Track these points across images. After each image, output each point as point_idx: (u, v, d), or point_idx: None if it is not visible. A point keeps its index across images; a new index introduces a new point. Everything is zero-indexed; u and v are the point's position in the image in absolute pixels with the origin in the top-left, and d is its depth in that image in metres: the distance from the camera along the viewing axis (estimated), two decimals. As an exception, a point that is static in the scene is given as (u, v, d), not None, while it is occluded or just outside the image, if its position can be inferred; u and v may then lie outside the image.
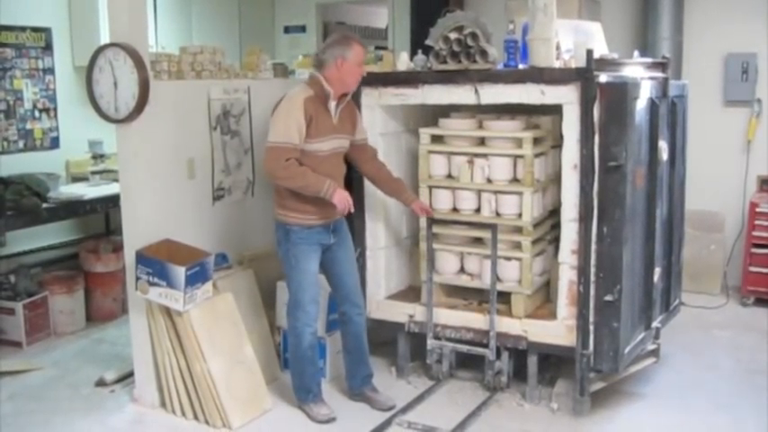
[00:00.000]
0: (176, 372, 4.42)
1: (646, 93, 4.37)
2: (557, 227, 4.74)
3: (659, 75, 4.75)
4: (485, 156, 4.64)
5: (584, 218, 4.21)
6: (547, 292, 4.85)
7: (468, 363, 4.86)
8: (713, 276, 6.60)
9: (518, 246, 4.60)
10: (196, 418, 4.41)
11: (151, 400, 4.58)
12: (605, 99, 4.11)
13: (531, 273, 4.60)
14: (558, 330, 4.41)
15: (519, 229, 4.60)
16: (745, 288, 6.33)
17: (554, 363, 4.72)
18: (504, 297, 4.64)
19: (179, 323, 4.34)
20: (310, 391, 4.45)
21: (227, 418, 4.31)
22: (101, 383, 4.92)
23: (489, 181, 4.64)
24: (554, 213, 4.79)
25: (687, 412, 4.47)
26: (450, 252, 4.84)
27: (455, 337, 4.69)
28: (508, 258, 4.63)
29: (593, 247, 4.22)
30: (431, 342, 4.73)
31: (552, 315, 4.50)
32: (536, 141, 4.56)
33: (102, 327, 6.03)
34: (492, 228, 4.54)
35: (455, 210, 4.75)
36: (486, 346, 4.57)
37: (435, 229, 4.73)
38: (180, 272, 4.19)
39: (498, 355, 4.58)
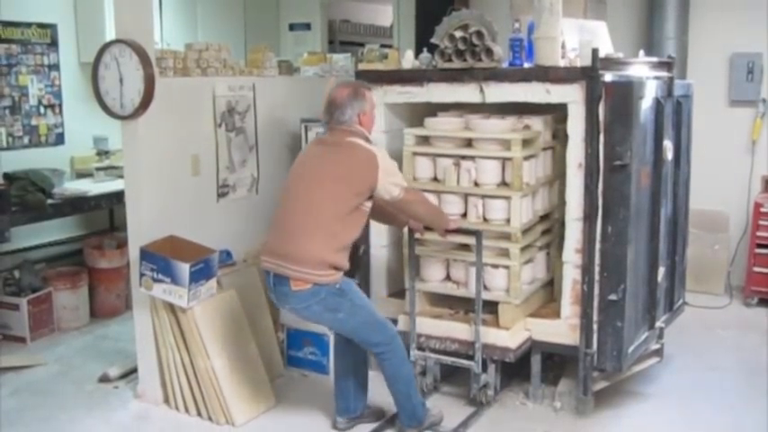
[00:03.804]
0: (180, 368, 4.43)
1: (651, 92, 4.37)
2: (548, 233, 4.69)
3: (664, 74, 4.75)
4: (471, 158, 4.45)
5: (589, 217, 4.20)
6: (550, 291, 4.84)
7: (456, 375, 4.70)
8: (717, 276, 6.59)
9: (506, 253, 4.40)
10: (199, 414, 4.42)
11: (155, 397, 4.59)
12: (610, 98, 4.11)
13: (519, 281, 4.39)
14: (561, 329, 4.40)
15: (507, 236, 4.38)
16: (749, 288, 6.32)
17: (557, 362, 4.72)
18: (492, 306, 4.45)
19: (183, 320, 4.35)
20: (424, 403, 4.26)
21: (230, 415, 4.32)
22: (104, 379, 4.94)
23: (476, 184, 4.44)
24: (545, 218, 4.68)
25: (690, 412, 4.47)
26: (436, 259, 4.65)
27: (440, 348, 4.48)
28: (495, 266, 4.43)
29: (598, 246, 4.21)
30: (414, 353, 4.49)
31: (556, 314, 4.49)
32: (526, 143, 4.35)
33: (106, 323, 6.04)
34: (476, 234, 4.28)
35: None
36: (472, 358, 4.38)
37: (419, 235, 4.46)
38: (184, 268, 4.20)
39: (485, 368, 4.39)
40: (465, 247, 4.48)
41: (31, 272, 5.87)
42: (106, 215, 6.66)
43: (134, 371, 4.82)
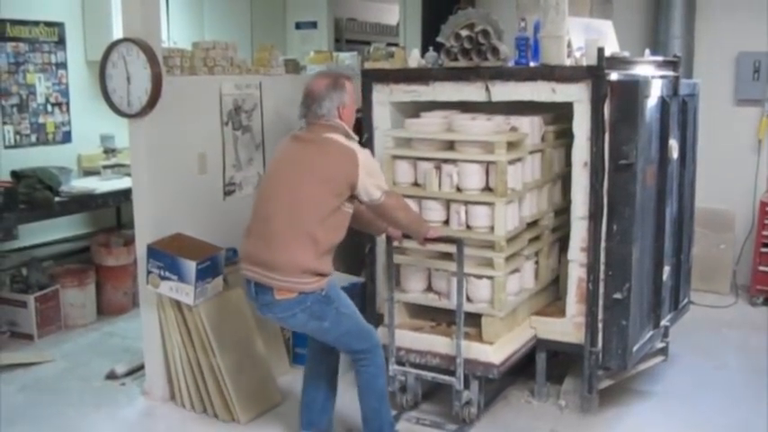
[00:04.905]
0: (186, 365, 4.45)
1: (657, 91, 4.37)
2: (537, 240, 4.53)
3: (670, 73, 4.75)
4: (453, 161, 4.20)
5: (594, 216, 4.21)
6: (556, 289, 4.84)
7: (439, 390, 4.52)
8: (722, 275, 6.58)
9: (490, 263, 4.15)
10: (205, 411, 4.44)
11: (161, 394, 4.61)
12: (616, 97, 4.11)
13: (504, 293, 4.17)
14: (566, 327, 4.41)
15: (491, 244, 4.14)
16: (755, 287, 6.32)
17: (563, 360, 4.72)
18: (476, 319, 4.22)
19: (189, 317, 4.37)
20: (393, 424, 4.06)
21: (236, 412, 4.34)
22: (111, 376, 4.96)
23: (459, 190, 4.19)
24: (534, 225, 4.51)
25: (695, 411, 4.47)
26: (416, 268, 4.43)
27: (420, 362, 4.28)
28: (479, 276, 4.19)
29: (603, 244, 4.22)
30: (393, 368, 4.29)
31: (561, 312, 4.49)
32: (511, 146, 4.13)
33: (113, 320, 6.07)
34: (457, 243, 4.03)
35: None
36: (453, 373, 4.16)
37: (397, 243, 4.23)
38: (191, 266, 4.22)
39: (467, 384, 4.18)
40: (447, 256, 4.22)
41: (38, 269, 5.89)
42: (113, 213, 6.68)
43: (141, 368, 4.84)
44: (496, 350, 4.18)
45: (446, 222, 4.28)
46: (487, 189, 4.18)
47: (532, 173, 4.45)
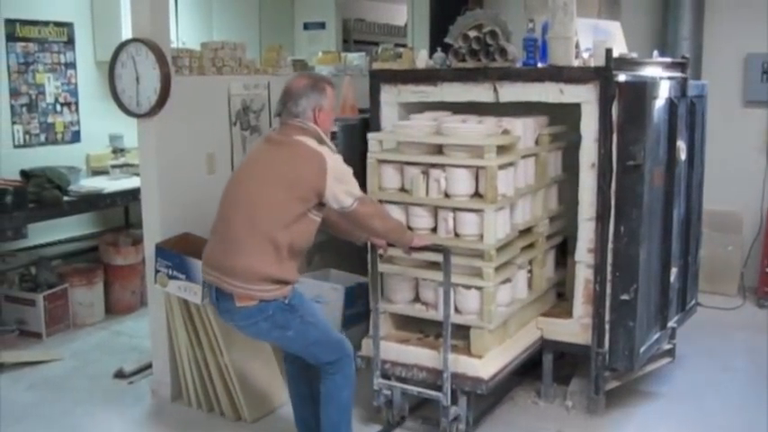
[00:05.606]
0: (193, 364, 4.46)
1: (665, 92, 4.36)
2: (530, 248, 4.38)
3: (678, 75, 4.75)
4: (441, 166, 4.02)
5: (602, 217, 4.21)
6: (554, 296, 4.81)
7: (428, 405, 4.29)
8: (730, 277, 6.57)
9: (479, 272, 3.95)
10: (212, 410, 4.46)
11: (169, 392, 4.63)
12: (624, 98, 4.11)
13: (493, 304, 3.98)
14: (573, 328, 4.41)
15: (480, 253, 3.95)
16: (762, 289, 6.31)
17: (569, 361, 4.72)
18: (466, 331, 4.06)
19: (197, 316, 4.38)
20: None
21: (242, 411, 4.35)
22: (119, 375, 4.98)
23: (447, 196, 4.00)
24: (527, 233, 4.36)
25: (701, 413, 4.47)
26: (403, 277, 4.24)
27: (406, 376, 4.10)
28: (467, 287, 4.01)
29: (610, 245, 4.22)
30: (378, 382, 4.13)
31: (568, 313, 4.49)
32: (502, 150, 3.95)
33: (121, 319, 6.09)
34: (444, 252, 3.85)
35: (409, 229, 4.01)
36: (441, 388, 3.97)
37: (382, 252, 4.04)
38: (199, 265, 4.22)
39: (455, 400, 4.00)
40: (435, 265, 4.00)
41: (47, 268, 5.92)
42: (121, 212, 6.71)
43: (149, 367, 4.87)
44: (486, 364, 4.00)
45: (434, 230, 4.09)
46: (477, 195, 3.99)
47: (525, 178, 4.31)
